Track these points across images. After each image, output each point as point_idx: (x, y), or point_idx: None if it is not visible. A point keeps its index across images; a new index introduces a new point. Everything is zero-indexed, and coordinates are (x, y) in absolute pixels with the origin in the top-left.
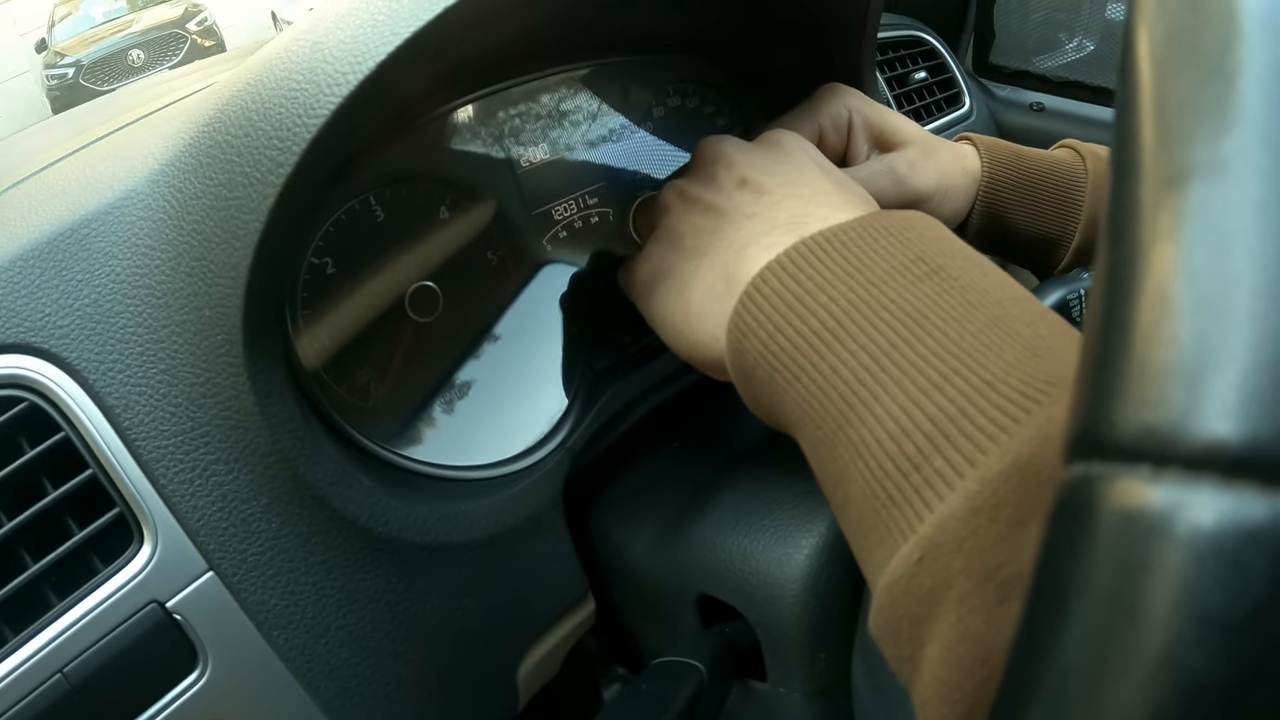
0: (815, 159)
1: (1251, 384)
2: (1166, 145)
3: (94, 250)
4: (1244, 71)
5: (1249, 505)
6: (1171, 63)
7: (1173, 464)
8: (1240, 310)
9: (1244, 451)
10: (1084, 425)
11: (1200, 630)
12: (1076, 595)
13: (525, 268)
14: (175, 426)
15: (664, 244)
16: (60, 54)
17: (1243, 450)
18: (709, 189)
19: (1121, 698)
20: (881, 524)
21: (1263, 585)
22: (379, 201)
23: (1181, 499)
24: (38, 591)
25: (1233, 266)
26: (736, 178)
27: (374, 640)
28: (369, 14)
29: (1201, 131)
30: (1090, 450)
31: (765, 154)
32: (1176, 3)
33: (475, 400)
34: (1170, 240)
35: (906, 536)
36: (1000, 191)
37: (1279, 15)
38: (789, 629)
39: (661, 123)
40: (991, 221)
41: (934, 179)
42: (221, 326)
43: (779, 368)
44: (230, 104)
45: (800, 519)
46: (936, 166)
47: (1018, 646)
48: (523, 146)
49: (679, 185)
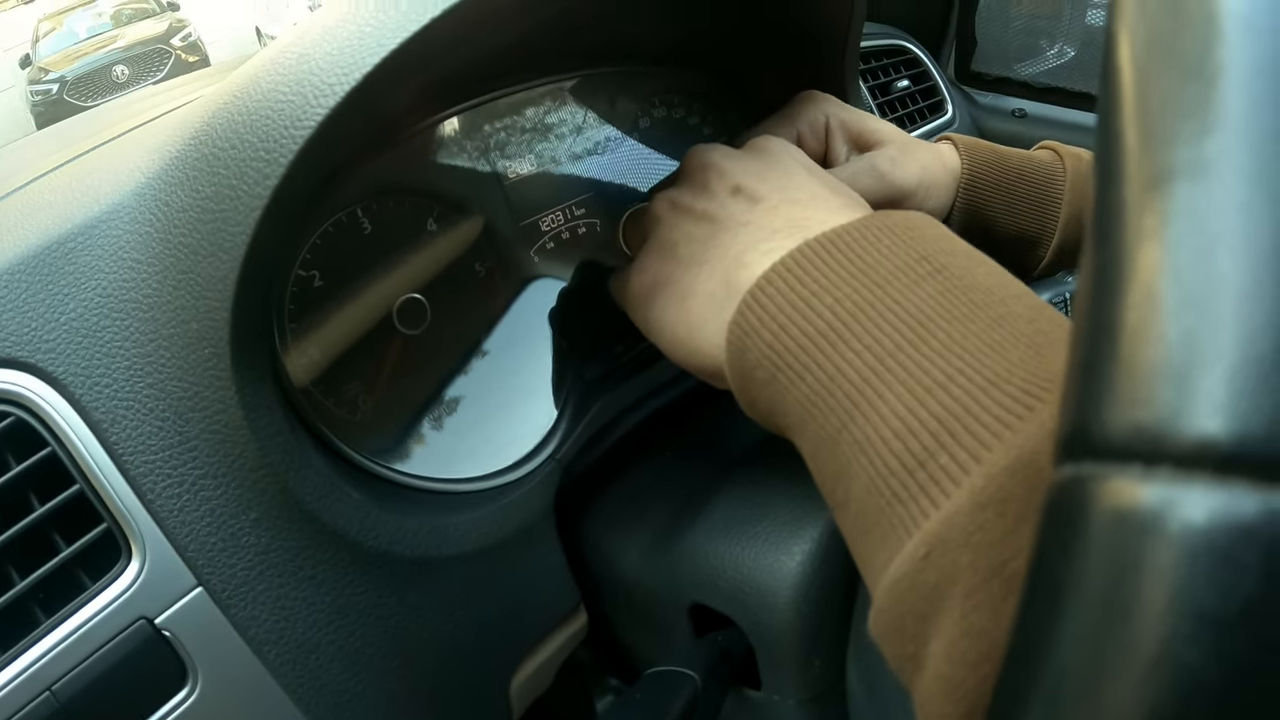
0: (803, 163)
1: (1240, 380)
2: (1150, 147)
3: (80, 264)
4: (1225, 72)
5: (1240, 501)
6: (1153, 65)
7: (1164, 462)
8: (1226, 308)
9: (1234, 448)
10: (1074, 426)
11: (1194, 627)
12: (1071, 595)
13: (513, 280)
14: (163, 441)
15: (658, 254)
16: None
17: (1233, 446)
18: (701, 198)
19: (1118, 696)
20: (885, 521)
21: (1255, 581)
22: (366, 214)
23: (1173, 497)
24: (25, 608)
25: (1218, 266)
26: (729, 185)
27: (366, 655)
28: (355, 26)
29: (1184, 132)
30: (1081, 451)
31: (754, 160)
32: (1157, 6)
33: (464, 413)
34: (1155, 240)
35: (911, 533)
36: (980, 189)
37: (1259, 16)
38: (782, 635)
39: (648, 133)
40: (972, 219)
41: (916, 174)
42: (209, 340)
43: (782, 367)
44: (216, 117)
45: (791, 526)
46: (917, 162)
47: (1014, 648)
48: (509, 159)
49: (670, 195)
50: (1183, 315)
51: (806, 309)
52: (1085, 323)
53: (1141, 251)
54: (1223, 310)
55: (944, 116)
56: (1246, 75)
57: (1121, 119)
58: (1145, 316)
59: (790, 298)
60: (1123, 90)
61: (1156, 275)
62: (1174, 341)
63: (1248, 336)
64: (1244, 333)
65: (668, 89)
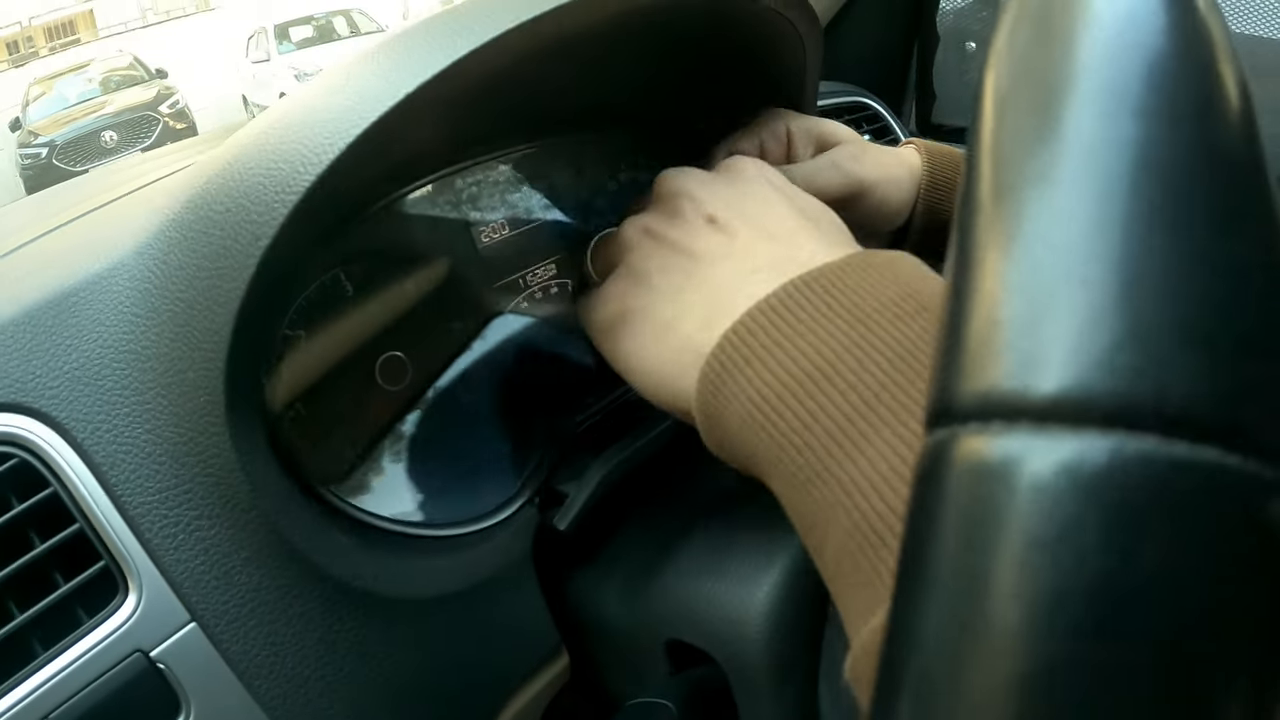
0: (778, 186)
1: (1077, 340)
2: (1000, 161)
3: (83, 316)
4: (1063, 102)
5: (1090, 446)
6: (1009, 98)
7: (1021, 419)
8: (1061, 287)
9: (1053, 401)
10: (937, 397)
11: (1048, 556)
12: (933, 541)
13: (489, 337)
14: (160, 483)
15: (628, 282)
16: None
17: (1052, 400)
18: (675, 226)
19: (983, 625)
20: (867, 565)
21: (1102, 513)
22: (348, 277)
23: (1023, 446)
24: (24, 641)
25: (1055, 250)
26: (704, 214)
27: (353, 690)
28: (342, 98)
29: (1028, 149)
30: (943, 418)
31: (728, 187)
32: (1021, 49)
33: (444, 461)
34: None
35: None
36: (941, 188)
37: (1096, 61)
38: (754, 664)
39: (615, 196)
40: (933, 220)
41: (876, 169)
42: (204, 388)
43: (759, 403)
44: (211, 182)
45: (761, 560)
46: (876, 159)
47: (892, 612)
48: (483, 222)
49: (642, 221)
50: (1024, 292)
51: (791, 347)
52: (947, 308)
53: (992, 245)
54: (1058, 288)
55: None
56: (1080, 108)
57: (982, 140)
58: (995, 293)
59: (774, 336)
60: (985, 115)
61: (1003, 260)
62: (1018, 314)
63: (1081, 306)
64: (1077, 303)
65: (634, 150)
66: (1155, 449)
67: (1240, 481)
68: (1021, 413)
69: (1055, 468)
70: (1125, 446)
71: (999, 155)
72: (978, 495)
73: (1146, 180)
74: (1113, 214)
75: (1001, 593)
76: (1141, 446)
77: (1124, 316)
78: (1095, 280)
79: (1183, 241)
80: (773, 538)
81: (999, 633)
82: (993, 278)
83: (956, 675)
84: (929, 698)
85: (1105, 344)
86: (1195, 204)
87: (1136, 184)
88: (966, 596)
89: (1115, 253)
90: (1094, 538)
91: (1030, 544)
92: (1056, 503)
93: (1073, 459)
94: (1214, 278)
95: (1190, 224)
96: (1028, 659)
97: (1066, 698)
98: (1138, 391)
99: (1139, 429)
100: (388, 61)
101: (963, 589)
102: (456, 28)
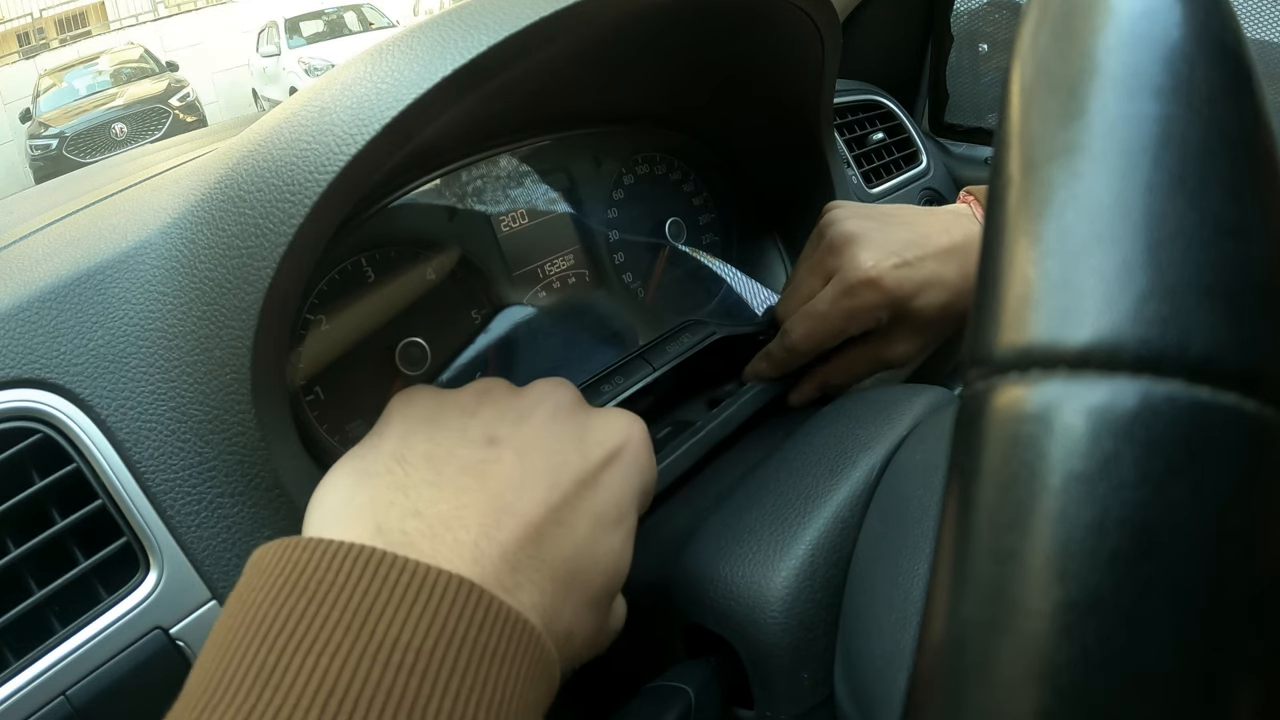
0: None
1: (1108, 292)
2: (1029, 138)
3: (109, 295)
4: (1086, 88)
5: (1121, 390)
6: (1035, 88)
7: (1059, 365)
8: (1094, 248)
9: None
10: (975, 351)
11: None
12: (978, 479)
13: (508, 325)
14: (183, 461)
15: None
16: (44, 125)
17: (1089, 348)
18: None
19: (1027, 557)
20: None
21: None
22: (370, 263)
23: (1059, 392)
24: (42, 616)
25: (1084, 217)
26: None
27: None
28: (373, 84)
29: (1054, 128)
30: (983, 369)
31: None
32: (1044, 46)
33: None
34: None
35: None
36: None
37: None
38: (771, 649)
39: (631, 189)
40: None
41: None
42: (231, 367)
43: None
44: (240, 164)
45: (777, 546)
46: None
47: (938, 545)
48: (504, 212)
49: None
50: (1056, 253)
51: None
52: (983, 272)
53: (1023, 212)
54: (1088, 248)
55: (919, 166)
56: (1103, 90)
57: (1011, 121)
58: (1028, 255)
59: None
60: (1012, 100)
61: (1036, 224)
62: (1052, 273)
63: (1109, 263)
64: (1105, 261)
65: (651, 146)
66: (1181, 392)
67: (1259, 426)
68: (1059, 360)
69: (1090, 409)
70: (1154, 390)
71: (1028, 133)
72: (1019, 436)
73: (1167, 152)
74: (1137, 181)
75: (1045, 521)
76: (1169, 390)
77: (1149, 272)
78: (1122, 239)
79: (1203, 206)
80: (789, 525)
81: (1043, 559)
82: (1026, 241)
83: (1002, 601)
84: (978, 624)
85: (1133, 297)
86: (1213, 174)
87: (1158, 156)
88: (1011, 528)
89: (1139, 215)
90: (1128, 472)
91: (1070, 477)
92: (1094, 440)
93: (1106, 401)
94: (1232, 239)
95: (1209, 191)
96: (1073, 583)
97: (1109, 618)
98: (1164, 339)
99: (1165, 374)
100: (422, 48)
101: (1007, 521)
102: (490, 17)
